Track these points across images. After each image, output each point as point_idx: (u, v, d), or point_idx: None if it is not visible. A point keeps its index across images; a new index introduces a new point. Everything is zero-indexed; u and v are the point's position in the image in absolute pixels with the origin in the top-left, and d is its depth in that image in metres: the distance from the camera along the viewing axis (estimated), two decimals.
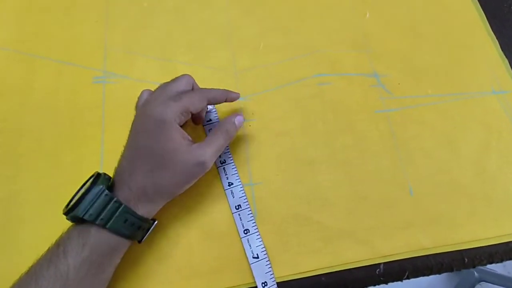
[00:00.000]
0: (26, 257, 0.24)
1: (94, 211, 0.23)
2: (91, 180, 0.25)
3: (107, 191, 0.24)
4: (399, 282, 0.30)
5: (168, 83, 0.29)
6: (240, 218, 0.30)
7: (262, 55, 0.36)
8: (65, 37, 0.36)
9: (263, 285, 0.27)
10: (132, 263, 0.28)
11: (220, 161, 0.31)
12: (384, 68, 0.36)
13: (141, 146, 0.26)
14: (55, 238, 0.24)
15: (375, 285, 0.29)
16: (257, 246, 0.29)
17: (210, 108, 0.33)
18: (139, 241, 0.26)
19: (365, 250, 0.29)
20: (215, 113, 0.33)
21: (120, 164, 0.27)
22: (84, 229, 0.24)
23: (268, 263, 0.28)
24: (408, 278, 0.29)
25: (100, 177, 0.25)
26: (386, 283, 0.29)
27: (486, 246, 0.30)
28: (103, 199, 0.24)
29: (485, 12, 0.38)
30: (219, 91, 0.30)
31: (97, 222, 0.23)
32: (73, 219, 0.24)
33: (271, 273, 0.28)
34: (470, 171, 0.32)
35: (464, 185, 0.31)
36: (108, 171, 0.27)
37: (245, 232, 0.29)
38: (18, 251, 0.29)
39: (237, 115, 0.30)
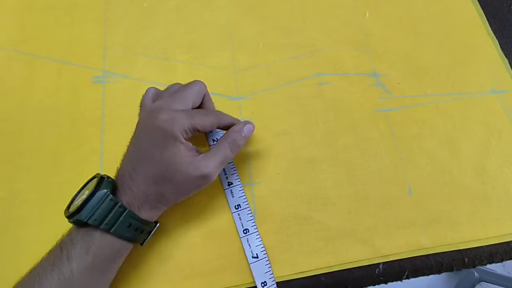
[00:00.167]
0: (27, 257, 0.24)
1: (98, 216, 0.23)
2: (95, 183, 0.24)
3: (111, 196, 0.24)
4: (398, 282, 0.29)
5: (180, 88, 0.28)
6: (240, 218, 0.29)
7: (262, 54, 0.36)
8: (65, 36, 0.36)
9: (262, 285, 0.27)
10: (132, 263, 0.28)
11: None
12: (383, 68, 0.36)
13: (145, 153, 0.25)
14: (55, 237, 0.24)
15: (374, 285, 0.29)
16: (256, 246, 0.29)
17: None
18: (141, 244, 0.27)
19: (365, 250, 0.29)
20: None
21: (123, 165, 0.26)
22: (88, 233, 0.23)
23: (268, 262, 0.28)
24: (407, 278, 0.29)
25: (104, 180, 0.25)
26: (385, 283, 0.29)
27: (486, 245, 0.30)
28: (107, 204, 0.23)
29: (485, 12, 0.38)
30: (233, 120, 0.29)
31: (102, 226, 0.23)
32: (77, 223, 0.24)
33: (270, 272, 0.28)
34: (470, 170, 0.32)
35: (464, 184, 0.31)
36: (107, 170, 0.27)
37: (245, 232, 0.29)
38: (18, 250, 0.29)
39: (246, 123, 0.28)
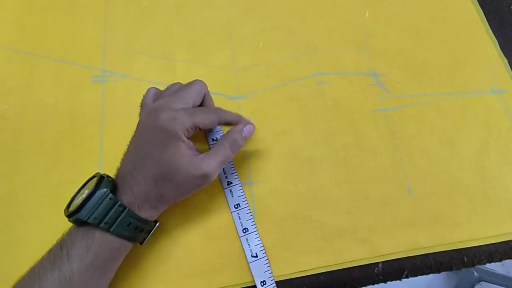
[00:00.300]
0: (26, 256, 0.24)
1: (98, 214, 0.23)
2: (94, 182, 0.24)
3: (111, 195, 0.24)
4: (398, 281, 0.30)
5: (180, 88, 0.28)
6: (239, 217, 0.30)
7: (262, 54, 0.36)
8: (65, 36, 0.36)
9: (262, 284, 0.27)
10: (132, 263, 0.28)
11: None
12: (383, 67, 0.36)
13: (146, 153, 0.25)
14: (55, 236, 0.24)
15: (373, 284, 0.29)
16: (256, 245, 0.29)
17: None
18: (141, 243, 0.27)
19: (364, 249, 0.29)
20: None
21: (123, 165, 0.26)
22: (88, 232, 0.23)
23: (267, 262, 0.28)
24: (407, 277, 0.29)
25: (104, 179, 0.25)
26: (385, 282, 0.29)
27: (485, 245, 0.30)
28: (107, 203, 0.23)
29: (484, 12, 0.38)
30: (234, 117, 0.29)
31: (101, 225, 0.23)
32: (76, 222, 0.24)
33: (270, 272, 0.28)
34: (470, 170, 0.32)
35: (464, 184, 0.31)
36: (107, 169, 0.27)
37: (244, 231, 0.29)
38: (17, 249, 0.29)
39: (247, 124, 0.29)
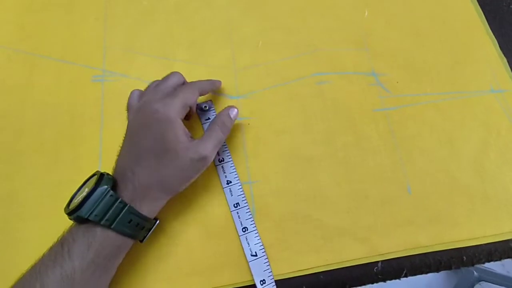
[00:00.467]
0: (26, 254, 0.24)
1: (99, 212, 0.23)
2: (95, 180, 0.25)
3: (112, 192, 0.24)
4: (397, 280, 0.30)
5: (160, 81, 0.30)
6: (239, 216, 0.30)
7: (261, 53, 0.36)
8: (65, 35, 0.36)
9: (261, 283, 0.28)
10: (132, 261, 0.28)
11: (219, 159, 0.31)
12: (382, 67, 0.36)
13: (145, 145, 0.26)
14: (54, 235, 0.24)
15: (373, 283, 0.29)
16: (255, 244, 0.29)
17: (208, 106, 0.33)
18: (141, 241, 0.27)
19: (364, 248, 0.29)
20: (213, 111, 0.33)
21: (120, 162, 0.27)
22: (89, 229, 0.24)
23: (267, 261, 0.28)
24: (406, 276, 0.29)
25: (104, 177, 0.25)
26: (384, 281, 0.29)
27: (484, 244, 0.30)
28: (108, 200, 0.24)
29: (484, 11, 0.38)
30: (205, 81, 0.32)
31: (102, 222, 0.23)
32: (77, 220, 0.24)
33: (269, 271, 0.28)
34: (469, 169, 0.32)
35: (463, 183, 0.31)
36: (107, 169, 0.27)
37: (244, 230, 0.29)
38: (17, 248, 0.29)
39: (231, 107, 0.30)
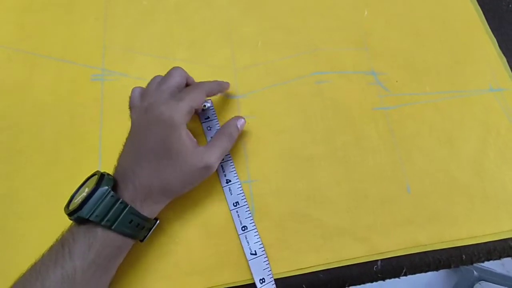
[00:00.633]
0: (25, 254, 0.24)
1: (100, 212, 0.23)
2: (95, 180, 0.25)
3: (113, 192, 0.24)
4: (397, 279, 0.30)
5: (162, 79, 0.29)
6: (238, 215, 0.30)
7: (261, 53, 0.36)
8: (64, 35, 0.37)
9: (261, 281, 0.28)
10: (131, 260, 0.28)
11: None
12: (382, 66, 0.36)
13: (148, 147, 0.26)
14: (54, 234, 0.24)
15: (372, 282, 0.29)
16: (255, 243, 0.29)
17: (207, 105, 0.33)
18: (141, 240, 0.27)
19: (363, 247, 0.29)
20: (212, 110, 0.33)
21: (122, 163, 0.27)
22: (90, 230, 0.24)
23: (266, 259, 0.28)
24: (405, 275, 0.29)
25: (104, 177, 0.25)
26: (383, 280, 0.29)
27: (484, 243, 0.30)
28: (109, 200, 0.24)
29: (483, 10, 0.38)
30: (213, 83, 0.31)
31: (103, 223, 0.23)
32: (78, 220, 0.24)
33: (269, 269, 0.28)
34: (468, 168, 0.32)
35: (462, 182, 0.31)
36: (106, 168, 0.27)
37: (243, 229, 0.29)
38: (16, 247, 0.29)
39: (239, 118, 0.31)
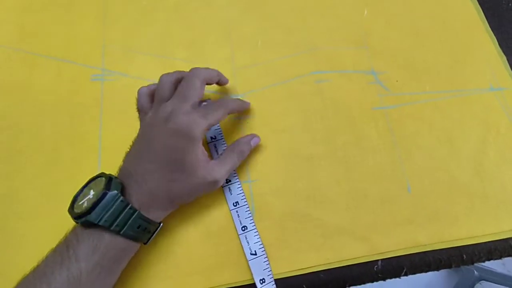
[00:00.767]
0: (25, 254, 0.24)
1: (109, 217, 0.23)
2: (103, 183, 0.24)
3: (122, 197, 0.24)
4: (397, 279, 0.29)
5: (183, 87, 0.27)
6: (238, 215, 0.30)
7: (261, 52, 0.36)
8: (64, 35, 0.37)
9: (261, 281, 0.27)
10: (132, 261, 0.28)
11: None
12: (382, 65, 0.35)
13: (162, 155, 0.26)
14: (54, 234, 0.24)
15: (373, 282, 0.29)
16: (255, 243, 0.29)
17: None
18: (145, 243, 0.27)
19: (364, 247, 0.29)
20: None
21: (129, 165, 0.26)
22: (96, 233, 0.24)
23: (266, 259, 0.28)
24: (406, 275, 0.29)
25: (112, 180, 0.25)
26: (384, 280, 0.29)
27: (484, 242, 0.30)
28: (118, 205, 0.23)
29: (483, 9, 0.38)
30: (236, 102, 0.32)
31: (112, 228, 0.23)
32: (85, 223, 0.24)
33: (269, 269, 0.28)
34: (468, 167, 0.32)
35: (462, 181, 0.31)
36: (106, 168, 0.27)
37: (243, 229, 0.29)
38: (16, 247, 0.29)
39: (254, 136, 0.31)
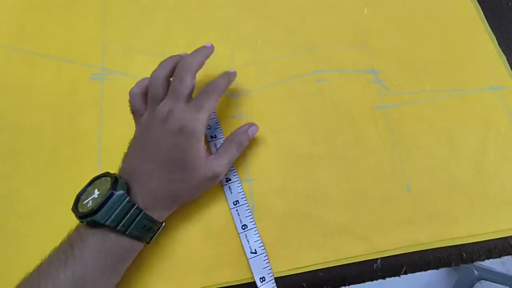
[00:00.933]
0: (26, 254, 0.24)
1: (115, 217, 0.23)
2: (109, 183, 0.24)
3: (129, 198, 0.24)
4: (397, 278, 0.30)
5: (175, 85, 0.27)
6: (238, 214, 0.30)
7: (260, 51, 0.36)
8: (64, 34, 0.36)
9: (261, 280, 0.28)
10: (133, 260, 0.28)
11: None
12: (382, 65, 0.36)
13: (163, 155, 0.26)
14: (54, 233, 0.24)
15: (372, 281, 0.29)
16: (255, 242, 0.29)
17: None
18: (148, 242, 0.27)
19: (363, 246, 0.29)
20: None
21: (130, 165, 0.26)
22: (101, 232, 0.24)
23: (266, 258, 0.28)
24: (405, 274, 0.29)
25: (118, 181, 0.25)
26: (383, 278, 0.29)
27: (483, 241, 0.30)
28: (125, 206, 0.24)
29: (483, 8, 0.38)
30: (223, 79, 0.29)
31: (118, 228, 0.23)
32: (90, 223, 0.24)
33: (269, 268, 0.28)
34: (468, 166, 0.32)
35: (462, 180, 0.31)
36: (106, 167, 0.27)
37: (243, 227, 0.29)
38: (16, 247, 0.29)
39: (251, 125, 0.31)
